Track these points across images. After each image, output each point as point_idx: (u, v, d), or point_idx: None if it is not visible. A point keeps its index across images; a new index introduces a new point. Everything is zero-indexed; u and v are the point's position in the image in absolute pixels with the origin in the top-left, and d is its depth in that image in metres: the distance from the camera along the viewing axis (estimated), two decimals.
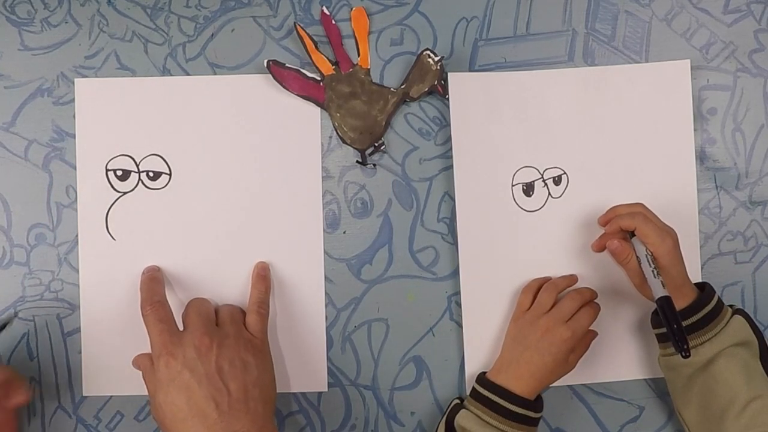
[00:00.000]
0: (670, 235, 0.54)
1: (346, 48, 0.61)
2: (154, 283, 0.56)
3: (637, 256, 0.55)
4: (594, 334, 0.58)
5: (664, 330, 0.54)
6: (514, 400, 0.54)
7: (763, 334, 0.55)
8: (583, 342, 0.57)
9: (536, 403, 0.55)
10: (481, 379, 0.57)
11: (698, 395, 0.54)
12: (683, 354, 0.50)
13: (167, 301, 0.55)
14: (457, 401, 0.58)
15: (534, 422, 0.55)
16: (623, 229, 0.56)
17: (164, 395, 0.50)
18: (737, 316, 0.54)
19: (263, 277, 0.59)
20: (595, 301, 0.58)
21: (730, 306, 0.56)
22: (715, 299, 0.54)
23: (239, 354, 0.52)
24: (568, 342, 0.55)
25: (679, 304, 0.53)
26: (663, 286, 0.52)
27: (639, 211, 0.56)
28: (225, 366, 0.51)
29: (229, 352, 0.52)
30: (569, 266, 0.60)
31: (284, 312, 0.60)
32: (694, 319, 0.53)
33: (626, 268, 0.56)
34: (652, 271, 0.53)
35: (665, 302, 0.52)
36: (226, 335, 0.53)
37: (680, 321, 0.51)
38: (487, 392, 0.55)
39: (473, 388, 0.57)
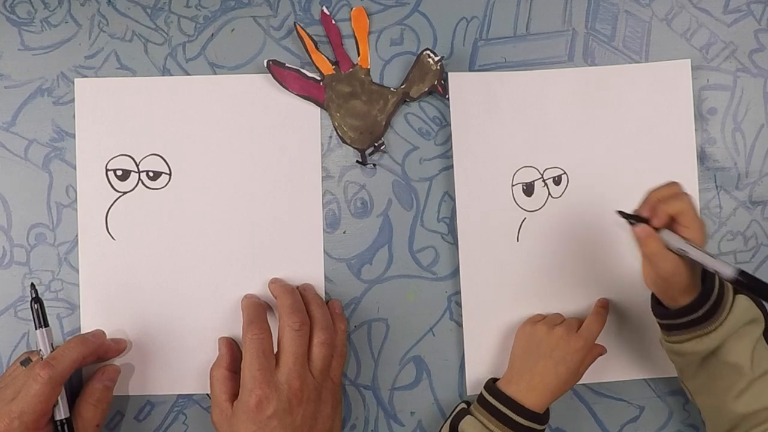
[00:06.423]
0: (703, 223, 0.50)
1: (346, 48, 0.61)
2: (259, 307, 0.56)
3: (673, 247, 0.48)
4: (602, 350, 0.58)
5: (669, 321, 0.51)
6: (523, 413, 0.54)
7: (765, 306, 0.51)
8: (591, 353, 0.57)
9: (544, 416, 0.55)
10: (491, 387, 0.56)
11: (705, 376, 0.52)
12: None
13: (270, 329, 0.54)
14: (463, 405, 0.57)
15: None
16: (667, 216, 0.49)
17: (245, 429, 0.51)
18: (740, 297, 0.51)
19: (339, 315, 0.59)
20: (601, 307, 0.59)
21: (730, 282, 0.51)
22: (717, 284, 0.50)
23: (321, 408, 0.54)
24: (581, 351, 0.55)
25: (686, 297, 0.50)
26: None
27: (682, 192, 0.50)
28: (309, 421, 0.53)
29: (316, 407, 0.54)
30: (568, 266, 0.60)
31: None
32: (700, 312, 0.50)
33: (653, 260, 0.49)
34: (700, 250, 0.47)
35: (744, 275, 0.45)
36: (316, 387, 0.54)
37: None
38: (497, 402, 0.55)
39: (481, 395, 0.56)
